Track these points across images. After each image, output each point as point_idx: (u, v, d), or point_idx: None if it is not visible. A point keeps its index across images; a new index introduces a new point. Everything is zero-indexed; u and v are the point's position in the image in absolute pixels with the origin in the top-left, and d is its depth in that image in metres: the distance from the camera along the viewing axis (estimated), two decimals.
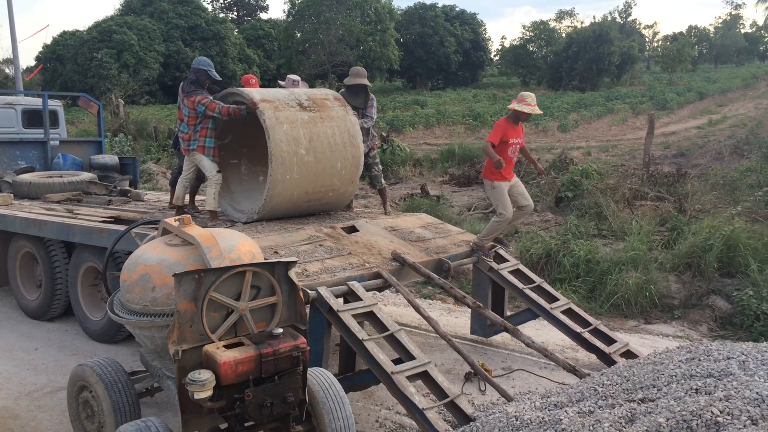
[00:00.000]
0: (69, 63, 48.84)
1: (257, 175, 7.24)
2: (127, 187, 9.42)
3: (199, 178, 7.04)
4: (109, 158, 10.40)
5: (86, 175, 9.34)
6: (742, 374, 3.30)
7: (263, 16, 75.32)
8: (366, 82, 7.08)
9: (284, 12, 61.05)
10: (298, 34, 56.48)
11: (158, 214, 7.17)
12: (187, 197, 7.21)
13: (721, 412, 2.83)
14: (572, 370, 5.10)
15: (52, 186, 8.84)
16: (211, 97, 6.44)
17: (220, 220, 6.60)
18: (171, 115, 35.22)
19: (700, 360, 3.71)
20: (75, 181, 9.08)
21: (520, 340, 5.37)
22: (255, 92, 6.34)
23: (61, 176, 9.26)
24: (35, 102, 10.95)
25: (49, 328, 7.33)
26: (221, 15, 64.91)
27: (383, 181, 7.57)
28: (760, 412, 2.79)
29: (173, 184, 7.43)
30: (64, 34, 52.62)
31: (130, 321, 3.96)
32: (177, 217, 4.17)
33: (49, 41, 51.88)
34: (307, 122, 6.25)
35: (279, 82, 7.29)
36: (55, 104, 11.21)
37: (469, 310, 6.53)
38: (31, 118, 10.69)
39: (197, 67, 6.49)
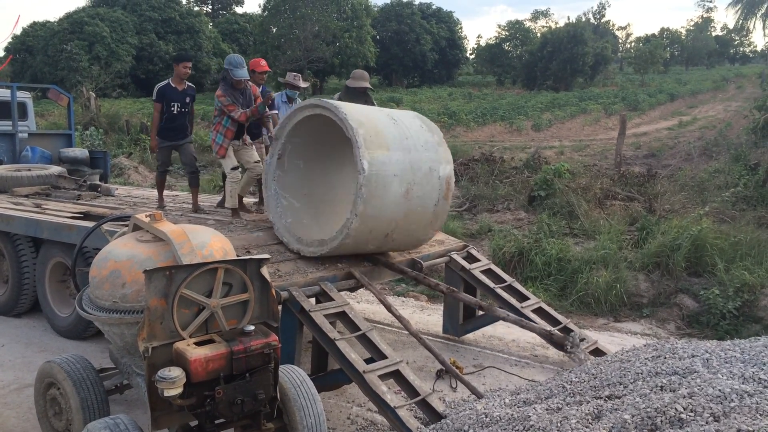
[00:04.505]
0: (39, 54, 47.95)
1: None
2: (98, 182, 9.28)
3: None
4: (79, 152, 10.24)
5: (55, 169, 9.19)
6: (706, 372, 3.37)
7: (238, 10, 74.63)
8: (368, 85, 7.09)
9: (260, 6, 60.51)
10: (274, 29, 56.12)
11: (129, 210, 7.10)
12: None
13: (684, 409, 2.90)
14: (548, 336, 5.38)
15: (20, 179, 8.68)
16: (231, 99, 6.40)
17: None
18: (144, 109, 34.78)
19: (665, 358, 3.78)
20: (44, 174, 8.93)
21: (495, 315, 5.56)
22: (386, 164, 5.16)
23: (29, 170, 9.09)
24: (3, 93, 10.73)
25: (17, 324, 7.20)
26: (196, 8, 64.27)
27: None
28: (722, 409, 2.85)
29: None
30: (34, 24, 51.64)
31: (100, 317, 3.91)
32: (148, 213, 4.13)
33: (19, 32, 50.93)
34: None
35: (280, 80, 7.17)
36: (24, 96, 11.00)
37: (442, 308, 6.58)
38: None
39: (224, 66, 6.42)
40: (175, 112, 7.10)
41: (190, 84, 7.30)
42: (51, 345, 6.55)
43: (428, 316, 7.70)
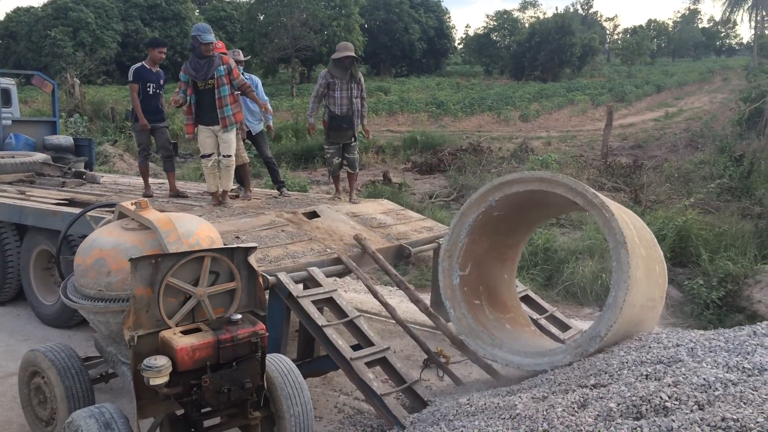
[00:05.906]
0: (22, 40, 47.40)
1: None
2: (82, 169, 9.19)
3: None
4: (64, 139, 10.14)
5: (39, 156, 9.09)
6: (691, 361, 3.40)
7: None
8: (352, 54, 6.97)
9: None
10: (261, 17, 55.64)
11: (114, 197, 7.04)
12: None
13: (669, 398, 2.92)
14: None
15: (3, 167, 8.58)
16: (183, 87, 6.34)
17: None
18: (129, 96, 34.50)
19: (650, 347, 3.81)
20: (28, 161, 8.83)
21: (466, 356, 5.05)
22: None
23: (13, 157, 8.98)
24: None
25: (0, 313, 7.14)
26: None
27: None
28: (706, 397, 2.88)
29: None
30: (17, 10, 50.98)
31: (85, 306, 3.88)
32: (134, 201, 4.09)
33: (2, 17, 50.28)
34: None
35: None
36: (7, 82, 10.85)
37: (430, 296, 6.58)
38: None
39: (192, 33, 6.30)
40: (150, 92, 7.19)
41: (159, 68, 7.42)
42: (35, 333, 6.50)
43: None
